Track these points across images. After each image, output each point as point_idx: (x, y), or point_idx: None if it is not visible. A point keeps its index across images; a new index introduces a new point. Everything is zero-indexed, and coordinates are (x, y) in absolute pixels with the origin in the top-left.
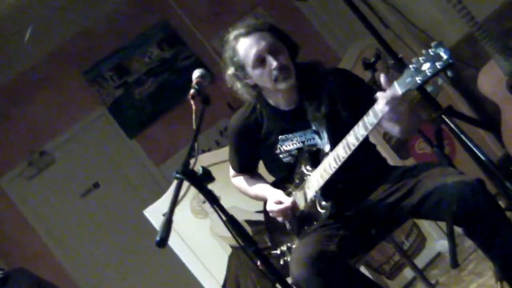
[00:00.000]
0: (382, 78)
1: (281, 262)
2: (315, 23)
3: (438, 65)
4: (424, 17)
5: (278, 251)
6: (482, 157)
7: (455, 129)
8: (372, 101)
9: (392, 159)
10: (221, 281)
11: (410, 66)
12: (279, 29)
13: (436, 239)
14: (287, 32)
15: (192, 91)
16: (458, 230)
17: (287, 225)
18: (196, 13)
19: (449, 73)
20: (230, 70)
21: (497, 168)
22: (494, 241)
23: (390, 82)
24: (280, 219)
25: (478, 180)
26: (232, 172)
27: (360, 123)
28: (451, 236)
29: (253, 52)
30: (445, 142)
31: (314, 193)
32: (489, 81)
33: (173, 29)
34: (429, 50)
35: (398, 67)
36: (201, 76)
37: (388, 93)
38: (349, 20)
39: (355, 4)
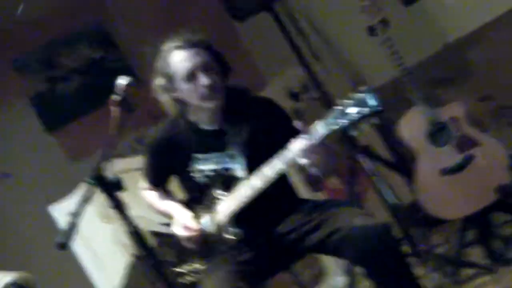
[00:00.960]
0: (298, 125)
1: (186, 282)
2: (248, 44)
3: (364, 111)
4: (356, 54)
5: (184, 270)
6: (389, 201)
7: (367, 170)
8: (294, 137)
9: (303, 190)
10: None
11: (336, 108)
12: (215, 49)
13: (335, 274)
14: (222, 54)
15: (114, 96)
16: (358, 268)
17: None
18: (133, 19)
19: (374, 120)
20: (158, 81)
21: (406, 213)
22: (391, 285)
23: (306, 128)
24: (185, 244)
25: (384, 224)
26: (142, 184)
27: (280, 157)
28: (349, 274)
29: (185, 66)
30: (358, 181)
31: (224, 218)
32: (409, 127)
33: (107, 30)
34: (358, 94)
35: (322, 101)
36: (126, 83)
37: (306, 140)
38: (282, 48)
39: (290, 33)
